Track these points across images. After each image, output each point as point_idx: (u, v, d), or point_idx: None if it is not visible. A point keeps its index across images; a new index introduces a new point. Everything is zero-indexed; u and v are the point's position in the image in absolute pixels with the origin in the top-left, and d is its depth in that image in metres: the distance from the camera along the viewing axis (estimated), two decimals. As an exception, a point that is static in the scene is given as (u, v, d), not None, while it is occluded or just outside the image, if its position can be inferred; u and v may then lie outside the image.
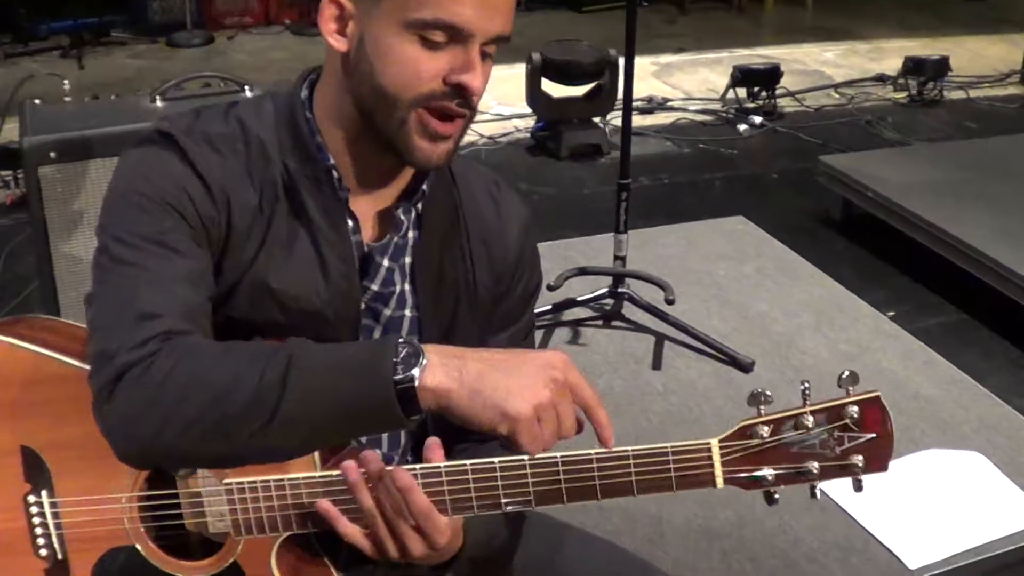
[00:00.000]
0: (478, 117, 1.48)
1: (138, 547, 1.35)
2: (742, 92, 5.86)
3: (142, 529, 1.35)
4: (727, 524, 2.53)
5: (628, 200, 3.34)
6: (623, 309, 3.45)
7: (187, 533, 1.36)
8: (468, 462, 1.23)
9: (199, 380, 1.17)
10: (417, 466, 1.23)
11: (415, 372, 1.16)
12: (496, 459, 1.22)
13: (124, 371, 1.18)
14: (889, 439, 1.22)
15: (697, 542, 2.48)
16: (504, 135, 5.48)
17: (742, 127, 5.67)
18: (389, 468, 1.22)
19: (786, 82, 5.98)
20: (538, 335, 3.26)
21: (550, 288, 3.31)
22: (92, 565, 1.37)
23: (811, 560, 2.42)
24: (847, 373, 1.20)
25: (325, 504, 1.24)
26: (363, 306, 1.39)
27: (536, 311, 3.16)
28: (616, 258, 3.40)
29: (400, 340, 1.19)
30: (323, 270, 1.34)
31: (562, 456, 1.19)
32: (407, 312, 1.42)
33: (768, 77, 5.80)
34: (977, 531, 2.49)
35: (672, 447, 1.22)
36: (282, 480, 1.26)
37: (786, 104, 6.00)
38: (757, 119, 5.70)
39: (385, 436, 1.45)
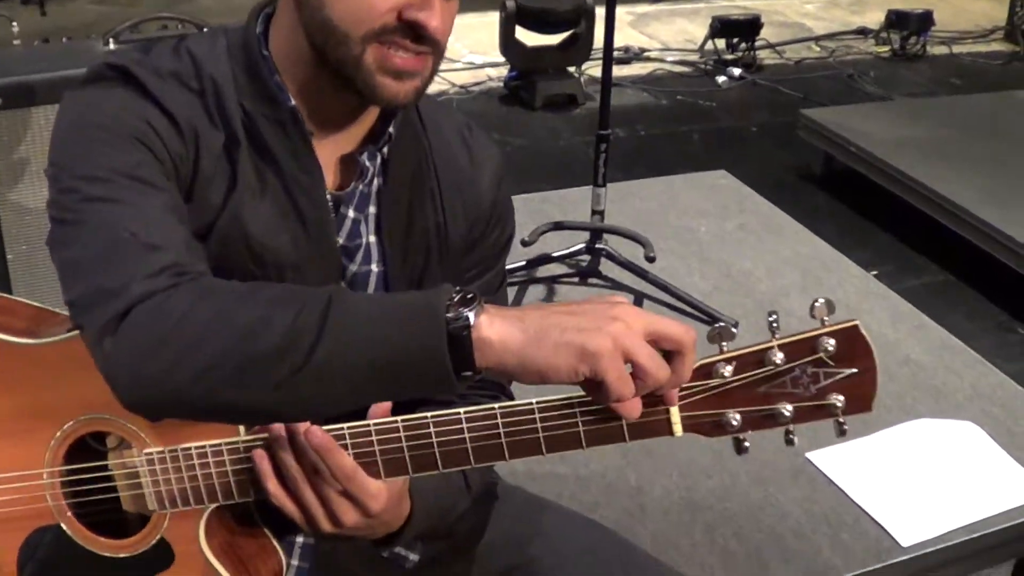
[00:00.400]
0: (449, 66, 1.38)
1: (63, 525, 1.25)
2: (721, 43, 5.80)
3: (65, 506, 1.25)
4: (710, 496, 2.42)
5: (607, 152, 3.25)
6: (600, 266, 3.39)
7: (117, 509, 1.25)
8: (400, 418, 1.11)
9: (223, 317, 1.03)
10: (345, 424, 1.11)
11: (469, 315, 1.01)
12: (429, 414, 1.11)
13: (134, 303, 1.05)
14: (872, 375, 1.09)
15: (680, 515, 2.37)
16: (476, 84, 5.38)
17: (721, 79, 5.61)
18: (307, 426, 1.11)
19: (766, 34, 5.91)
20: (510, 292, 3.12)
21: (524, 243, 3.25)
22: (19, 545, 1.27)
23: (799, 536, 2.31)
24: (821, 301, 1.07)
25: (259, 454, 1.13)
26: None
27: (509, 267, 3.14)
28: (594, 212, 3.32)
29: (456, 288, 1.05)
30: (299, 218, 1.25)
31: (500, 407, 1.08)
32: (373, 267, 1.33)
33: (748, 28, 5.74)
34: (972, 507, 2.39)
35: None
36: (203, 447, 1.16)
37: (766, 56, 5.95)
38: (736, 71, 5.65)
39: None
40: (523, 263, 3.29)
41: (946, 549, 2.30)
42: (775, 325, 1.07)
